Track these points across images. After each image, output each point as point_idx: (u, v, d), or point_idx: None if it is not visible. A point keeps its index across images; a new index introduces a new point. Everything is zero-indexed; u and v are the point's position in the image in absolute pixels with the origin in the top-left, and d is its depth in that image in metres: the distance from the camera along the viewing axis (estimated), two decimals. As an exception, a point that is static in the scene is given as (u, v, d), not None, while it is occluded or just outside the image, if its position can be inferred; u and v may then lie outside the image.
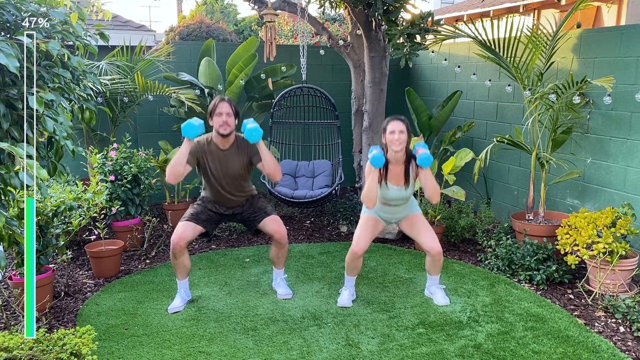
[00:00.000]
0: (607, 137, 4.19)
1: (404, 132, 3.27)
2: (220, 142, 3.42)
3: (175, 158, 3.31)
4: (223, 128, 3.35)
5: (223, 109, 3.34)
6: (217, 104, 3.35)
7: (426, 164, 3.22)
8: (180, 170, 3.31)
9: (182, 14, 17.09)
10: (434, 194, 3.31)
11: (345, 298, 3.53)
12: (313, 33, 5.93)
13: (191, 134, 3.24)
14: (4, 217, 2.16)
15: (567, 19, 4.15)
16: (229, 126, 3.35)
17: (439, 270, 3.55)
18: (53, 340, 2.28)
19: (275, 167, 3.44)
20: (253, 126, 3.29)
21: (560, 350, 2.94)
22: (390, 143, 3.28)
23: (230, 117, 3.35)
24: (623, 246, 3.49)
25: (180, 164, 3.30)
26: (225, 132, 3.36)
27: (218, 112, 3.34)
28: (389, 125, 3.29)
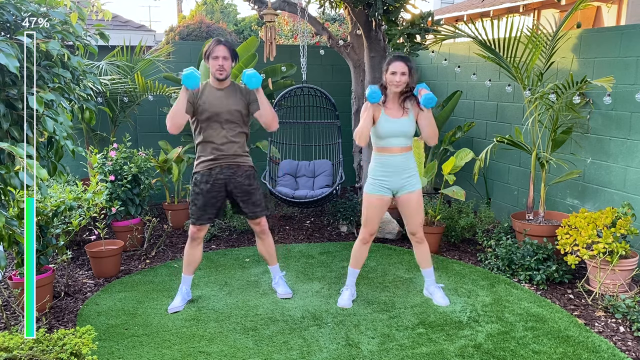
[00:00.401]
0: (607, 137, 4.19)
1: (406, 73, 3.21)
2: (216, 84, 3.33)
3: (175, 109, 3.21)
4: (219, 72, 3.26)
5: (219, 52, 3.23)
6: (213, 47, 3.25)
7: (430, 105, 3.17)
8: (180, 120, 3.23)
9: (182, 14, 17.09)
10: (433, 136, 3.28)
11: (345, 298, 3.53)
12: (313, 33, 5.93)
13: (191, 84, 3.14)
14: (4, 217, 2.16)
15: (567, 19, 4.15)
16: (225, 70, 3.27)
17: (429, 260, 3.54)
18: (53, 340, 2.28)
19: (273, 116, 3.38)
20: (252, 72, 3.23)
21: (560, 350, 2.94)
22: (390, 83, 3.25)
23: (226, 60, 3.26)
24: (623, 246, 3.49)
25: (180, 113, 3.21)
26: (221, 76, 3.27)
27: (214, 56, 3.24)
28: (390, 65, 3.23)
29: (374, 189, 3.39)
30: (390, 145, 3.32)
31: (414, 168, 3.43)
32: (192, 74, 3.15)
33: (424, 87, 3.27)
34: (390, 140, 3.31)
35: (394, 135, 3.29)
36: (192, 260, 3.50)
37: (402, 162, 3.35)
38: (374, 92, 3.17)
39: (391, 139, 3.30)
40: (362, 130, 3.23)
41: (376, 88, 3.19)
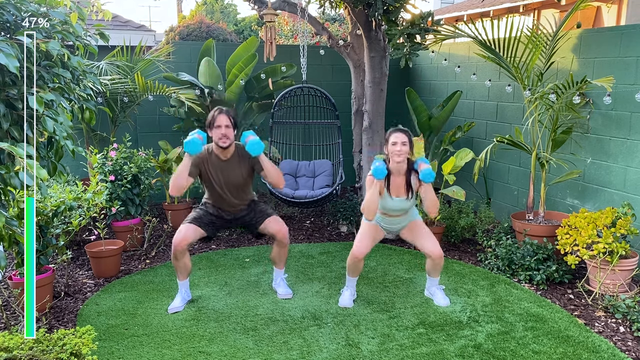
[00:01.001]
0: (607, 137, 4.19)
1: (406, 143, 3.30)
2: (220, 153, 3.46)
3: (178, 172, 3.35)
4: (222, 141, 3.39)
5: (222, 122, 3.37)
6: (216, 117, 3.38)
7: (428, 180, 3.25)
8: (182, 183, 3.35)
9: (182, 14, 17.10)
10: (433, 208, 3.36)
11: (346, 298, 3.53)
12: (313, 33, 5.93)
13: (193, 151, 3.26)
14: (4, 217, 2.16)
15: (567, 19, 4.15)
16: (228, 139, 3.40)
17: (438, 273, 3.55)
18: (53, 340, 2.28)
19: (278, 176, 3.53)
20: (254, 140, 3.33)
21: (560, 350, 2.94)
22: (392, 154, 3.32)
23: (229, 129, 3.39)
24: (623, 246, 3.49)
25: (183, 178, 3.34)
26: (224, 144, 3.40)
27: (217, 125, 3.37)
28: (391, 137, 3.32)
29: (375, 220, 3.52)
30: (392, 214, 3.48)
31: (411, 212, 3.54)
32: (195, 140, 3.26)
33: (424, 162, 3.34)
34: (392, 212, 3.46)
35: (395, 210, 3.44)
36: (184, 269, 3.50)
37: (402, 220, 3.52)
38: (380, 170, 3.21)
39: (393, 211, 3.46)
40: (371, 205, 3.30)
41: (382, 165, 3.23)
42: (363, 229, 3.53)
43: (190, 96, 5.11)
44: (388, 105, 5.36)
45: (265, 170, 3.47)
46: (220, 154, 3.46)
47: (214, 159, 3.47)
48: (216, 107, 3.47)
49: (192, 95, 5.18)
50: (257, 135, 3.41)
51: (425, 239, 3.48)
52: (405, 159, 3.34)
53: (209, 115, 3.45)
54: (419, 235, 3.51)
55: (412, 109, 5.62)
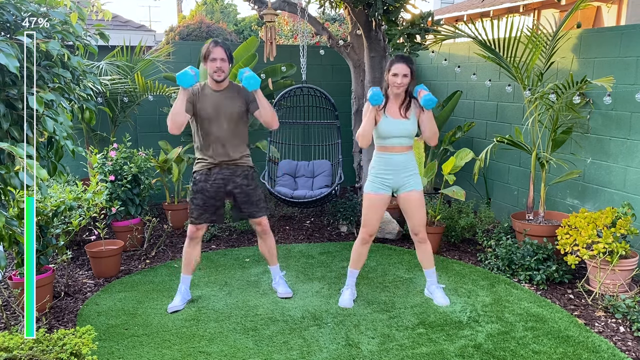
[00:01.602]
0: (607, 137, 4.19)
1: (407, 75, 3.24)
2: (214, 85, 3.36)
3: (174, 108, 3.25)
4: (217, 74, 3.29)
5: (217, 54, 3.26)
6: (211, 49, 3.27)
7: (430, 106, 3.20)
8: (180, 119, 3.26)
9: (182, 14, 17.10)
10: (433, 136, 3.32)
11: (346, 298, 3.53)
12: (313, 33, 5.93)
13: (186, 83, 3.19)
14: (4, 217, 2.16)
15: (567, 19, 4.15)
16: (223, 72, 3.29)
17: (431, 261, 3.54)
18: (53, 340, 2.28)
19: (273, 115, 3.43)
20: (250, 74, 3.25)
21: (560, 350, 2.94)
22: (392, 84, 3.27)
23: (224, 62, 3.29)
24: (623, 246, 3.49)
25: (180, 113, 3.25)
26: (219, 78, 3.30)
27: (212, 58, 3.26)
28: (393, 67, 3.24)
29: (375, 186, 3.42)
30: (392, 144, 3.35)
31: (415, 168, 3.45)
32: (186, 72, 3.19)
33: (423, 88, 3.30)
34: (392, 140, 3.34)
35: (395, 135, 3.32)
36: (191, 260, 3.52)
37: (404, 160, 3.38)
38: (376, 95, 3.17)
39: (393, 139, 3.33)
40: (364, 132, 3.26)
41: (378, 90, 3.20)
42: (366, 205, 3.43)
43: (190, 96, 5.11)
44: (388, 105, 5.36)
45: (261, 106, 3.35)
46: (214, 86, 3.36)
47: (207, 91, 3.35)
48: (211, 40, 3.35)
49: (192, 95, 5.17)
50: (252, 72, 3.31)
51: (416, 216, 3.42)
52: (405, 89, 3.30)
53: (204, 47, 3.32)
54: (413, 209, 3.43)
55: (412, 109, 5.61)
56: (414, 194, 3.42)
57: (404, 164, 3.38)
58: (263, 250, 3.68)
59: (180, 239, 4.88)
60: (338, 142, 5.35)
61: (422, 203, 3.46)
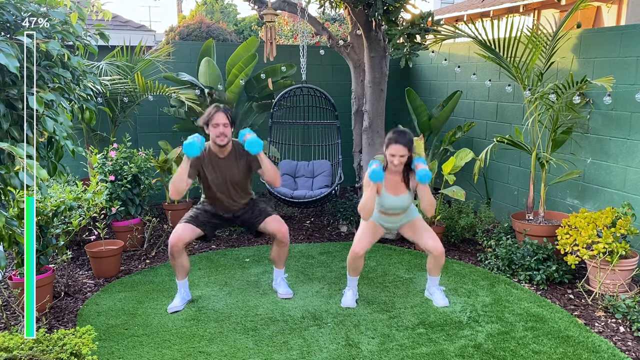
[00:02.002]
0: (607, 137, 4.19)
1: (405, 156, 3.28)
2: (218, 151, 3.45)
3: (177, 175, 3.36)
4: (220, 139, 3.38)
5: (219, 120, 3.35)
6: (213, 115, 3.36)
7: (425, 181, 3.25)
8: (182, 186, 3.35)
9: (182, 14, 17.10)
10: (430, 208, 3.37)
11: (349, 298, 3.53)
12: (313, 33, 5.93)
13: (192, 154, 3.26)
14: (4, 217, 2.16)
15: (567, 19, 4.15)
16: (225, 137, 3.38)
17: (439, 271, 3.55)
18: (53, 340, 2.28)
19: (275, 175, 3.53)
20: (252, 138, 3.33)
21: (560, 350, 2.94)
22: (390, 163, 3.33)
23: (226, 127, 3.38)
24: (623, 246, 3.49)
25: (182, 181, 3.35)
26: (222, 142, 3.39)
27: (214, 123, 3.36)
28: (390, 147, 3.28)
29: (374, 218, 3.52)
30: (390, 212, 3.48)
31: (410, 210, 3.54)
32: (194, 143, 3.25)
33: (421, 162, 3.33)
34: (390, 210, 3.46)
35: (393, 208, 3.44)
36: (182, 269, 3.51)
37: (400, 218, 3.53)
38: (377, 174, 3.20)
39: (391, 209, 3.46)
40: (367, 206, 3.31)
41: (379, 169, 3.22)
42: (362, 226, 3.54)
43: (190, 96, 5.11)
44: (388, 105, 5.36)
45: (264, 168, 3.47)
46: (218, 152, 3.45)
47: (212, 157, 3.46)
48: (213, 105, 3.45)
49: (192, 95, 5.18)
50: (254, 133, 3.41)
51: (426, 236, 3.49)
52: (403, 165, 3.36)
53: (206, 112, 3.43)
54: (420, 232, 3.51)
55: (412, 109, 5.62)
56: (414, 220, 3.54)
57: (401, 218, 3.53)
58: (275, 254, 3.69)
59: (180, 239, 4.88)
60: (338, 142, 5.35)
61: (423, 222, 3.56)
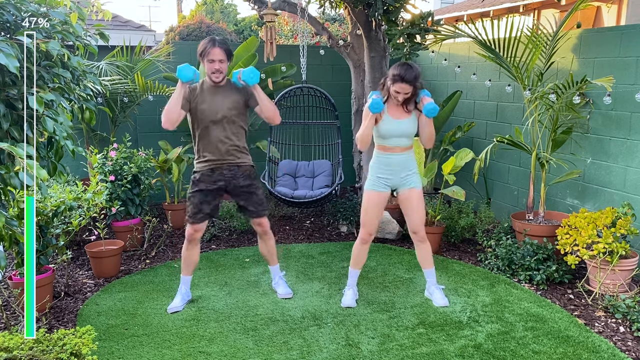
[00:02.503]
0: (607, 137, 4.19)
1: (409, 93, 3.23)
2: (213, 83, 3.31)
3: (170, 103, 3.18)
4: (215, 76, 3.23)
5: (215, 55, 3.18)
6: (209, 50, 3.18)
7: (432, 115, 3.21)
8: (174, 116, 3.19)
9: (182, 14, 17.11)
10: (430, 140, 3.37)
11: (349, 298, 3.53)
12: (313, 33, 5.93)
13: (186, 77, 3.13)
14: (4, 217, 2.16)
15: (567, 19, 4.15)
16: (221, 73, 3.24)
17: (430, 261, 3.55)
18: (53, 340, 2.28)
19: (274, 110, 3.36)
20: (250, 68, 3.21)
21: (560, 351, 2.94)
22: (393, 96, 3.27)
23: (222, 63, 3.22)
24: (623, 246, 3.49)
25: (175, 110, 3.18)
26: (217, 79, 3.25)
27: (210, 59, 3.20)
28: (397, 84, 3.19)
29: (374, 185, 3.44)
30: (392, 144, 3.37)
31: (415, 167, 3.47)
32: (187, 66, 3.16)
33: (426, 95, 3.29)
34: (392, 140, 3.35)
35: (395, 135, 3.33)
36: (190, 262, 3.51)
37: (403, 160, 3.40)
38: (376, 104, 3.17)
39: (393, 138, 3.35)
40: (364, 135, 3.28)
41: (379, 99, 3.19)
42: (366, 204, 3.44)
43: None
44: (388, 105, 5.35)
45: (261, 103, 3.27)
46: (213, 84, 3.31)
47: (206, 88, 3.29)
48: (209, 37, 3.28)
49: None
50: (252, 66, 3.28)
51: (415, 215, 3.44)
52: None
53: (201, 44, 3.23)
54: (412, 206, 3.44)
55: (412, 109, 5.61)
56: (413, 192, 3.44)
57: (403, 164, 3.40)
58: (263, 250, 3.69)
59: (180, 239, 4.88)
60: (338, 142, 5.35)
61: (421, 201, 3.47)
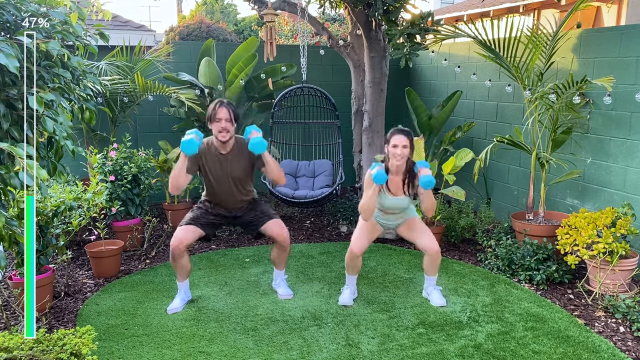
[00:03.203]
0: (607, 137, 4.19)
1: (407, 147, 3.31)
2: (220, 146, 3.41)
3: (175, 171, 3.33)
4: (222, 135, 3.34)
5: (222, 115, 3.32)
6: (217, 110, 3.33)
7: (428, 187, 3.26)
8: (181, 182, 3.33)
9: (182, 14, 17.10)
10: (430, 210, 3.42)
11: (346, 296, 3.54)
12: (313, 33, 5.93)
13: (189, 151, 3.22)
14: (4, 217, 2.16)
15: (567, 19, 4.15)
16: (228, 132, 3.35)
17: (436, 270, 3.56)
18: (53, 340, 2.28)
19: (280, 173, 3.49)
20: (257, 138, 3.28)
21: (560, 351, 2.94)
22: (393, 156, 3.33)
23: (229, 122, 3.33)
24: (623, 246, 3.49)
25: (181, 176, 3.32)
26: (224, 138, 3.35)
27: (217, 118, 3.32)
28: (392, 138, 3.32)
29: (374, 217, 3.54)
30: (390, 211, 3.50)
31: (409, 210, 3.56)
32: (192, 141, 3.19)
33: (424, 166, 3.33)
34: (390, 209, 3.49)
35: (392, 208, 3.47)
36: (183, 270, 3.48)
37: (399, 217, 3.54)
38: (380, 175, 3.21)
39: (390, 209, 3.48)
40: (368, 207, 3.33)
41: (382, 171, 3.23)
42: (360, 225, 3.55)
43: (190, 96, 5.11)
44: (388, 105, 5.36)
45: (267, 166, 3.41)
46: (220, 147, 3.41)
47: (213, 152, 3.42)
48: (217, 100, 3.41)
49: (192, 95, 5.18)
50: (260, 131, 3.36)
51: (423, 236, 3.51)
52: (405, 161, 3.36)
53: (210, 107, 3.38)
54: (416, 232, 3.53)
55: (412, 109, 5.62)
56: (412, 220, 3.56)
57: (400, 217, 3.54)
58: (274, 256, 3.69)
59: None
60: (338, 141, 5.35)
61: (420, 221, 3.58)
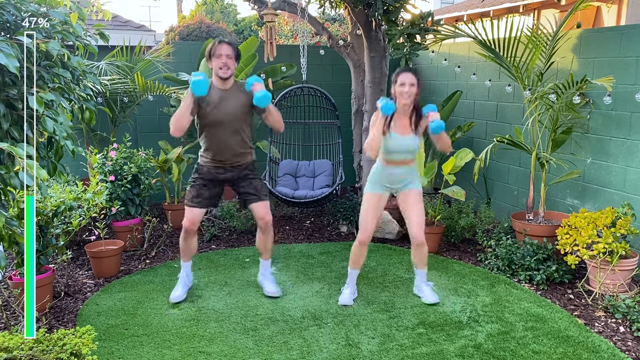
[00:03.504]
0: (607, 137, 4.19)
1: (414, 84, 3.26)
2: (220, 84, 3.33)
3: (180, 111, 3.23)
4: (223, 71, 3.25)
5: (223, 51, 3.22)
6: (217, 46, 3.24)
7: (438, 132, 3.23)
8: (184, 123, 3.25)
9: (182, 14, 17.10)
10: (447, 148, 3.40)
11: (346, 296, 3.54)
12: (313, 33, 5.93)
13: (199, 92, 3.14)
14: (4, 217, 2.16)
15: (567, 19, 4.15)
16: (228, 68, 3.26)
17: (424, 262, 3.56)
18: (53, 340, 2.28)
19: (280, 119, 3.44)
20: (262, 92, 3.21)
21: (560, 350, 2.94)
22: (400, 95, 3.28)
23: (230, 59, 3.25)
24: (623, 246, 3.49)
25: (186, 118, 3.24)
26: (225, 75, 3.26)
27: (218, 54, 3.24)
28: (399, 77, 3.27)
29: (373, 187, 3.48)
30: (396, 159, 3.41)
31: (415, 174, 3.51)
32: (203, 81, 3.13)
33: (432, 110, 3.30)
34: (396, 155, 3.40)
35: (400, 151, 3.38)
36: (189, 250, 3.59)
37: (404, 172, 3.45)
38: (388, 104, 3.17)
39: (397, 154, 3.39)
40: (375, 143, 3.28)
41: (389, 100, 3.20)
42: (365, 205, 3.47)
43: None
44: (388, 105, 5.35)
45: (268, 113, 3.34)
46: (220, 84, 3.33)
47: (214, 91, 3.32)
48: (217, 38, 3.34)
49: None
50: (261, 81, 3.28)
51: (414, 219, 3.45)
52: (412, 100, 3.32)
53: (210, 44, 3.30)
54: (411, 208, 3.47)
55: (412, 109, 5.61)
56: (412, 192, 3.48)
57: (404, 175, 3.46)
58: (260, 243, 3.71)
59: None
60: (339, 141, 5.35)
61: (420, 203, 3.49)
